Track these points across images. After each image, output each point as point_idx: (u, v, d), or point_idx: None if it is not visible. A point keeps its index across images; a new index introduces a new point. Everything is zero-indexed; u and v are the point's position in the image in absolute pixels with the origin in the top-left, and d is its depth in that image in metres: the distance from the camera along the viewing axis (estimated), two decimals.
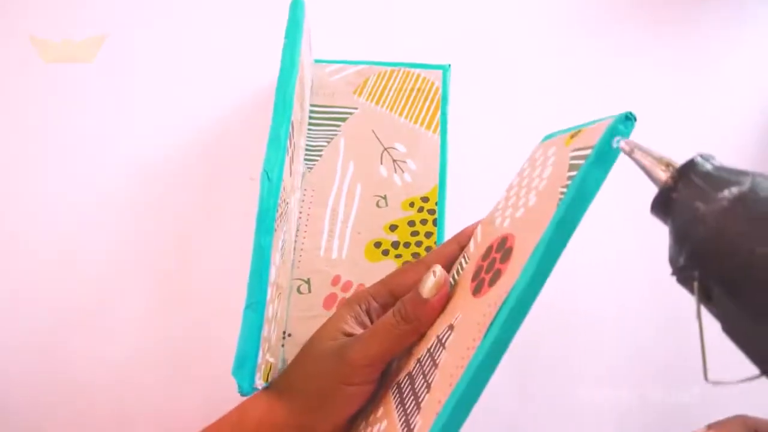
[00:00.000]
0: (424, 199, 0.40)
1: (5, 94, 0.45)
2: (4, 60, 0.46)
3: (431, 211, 0.40)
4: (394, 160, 0.42)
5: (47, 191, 0.41)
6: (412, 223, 0.39)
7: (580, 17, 0.50)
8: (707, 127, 0.46)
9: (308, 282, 0.38)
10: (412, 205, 0.40)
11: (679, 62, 0.48)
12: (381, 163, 0.42)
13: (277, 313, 0.32)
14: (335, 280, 0.38)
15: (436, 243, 0.39)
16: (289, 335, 0.36)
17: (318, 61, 0.46)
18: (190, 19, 0.49)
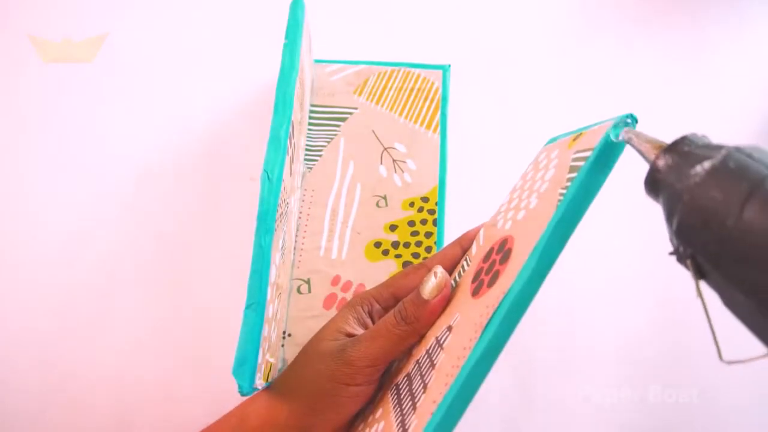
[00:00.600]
0: (424, 199, 0.40)
1: (5, 94, 0.45)
2: (3, 60, 0.46)
3: (431, 211, 0.40)
4: (394, 160, 0.42)
5: (47, 191, 0.41)
6: (412, 223, 0.39)
7: (580, 17, 0.50)
8: (708, 127, 0.45)
9: (308, 282, 0.38)
10: (412, 205, 0.40)
11: (680, 62, 0.48)
12: (381, 163, 0.42)
13: (277, 313, 0.32)
14: (335, 280, 0.38)
15: (436, 243, 0.39)
16: (289, 335, 0.36)
17: (318, 61, 0.46)
18: (190, 19, 0.49)
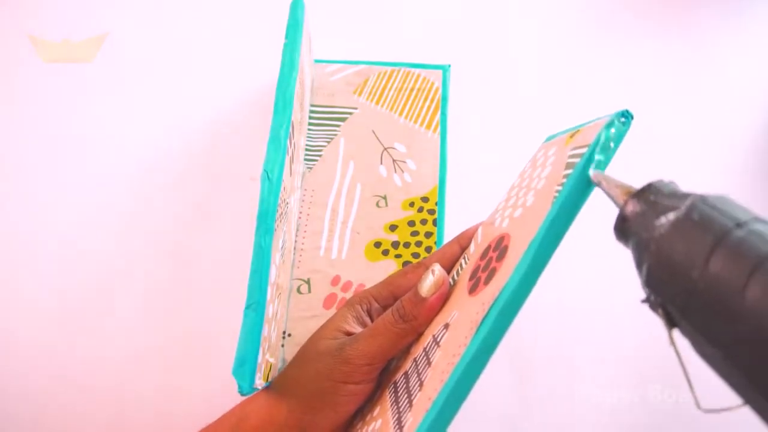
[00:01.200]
0: (424, 199, 0.40)
1: (5, 93, 0.45)
2: (4, 60, 0.46)
3: (431, 211, 0.40)
4: (394, 160, 0.42)
5: (47, 191, 0.41)
6: (412, 223, 0.39)
7: (580, 17, 0.50)
8: (708, 127, 0.46)
9: (308, 282, 0.38)
10: (412, 205, 0.40)
11: (680, 61, 0.48)
12: (381, 163, 0.42)
13: (277, 313, 0.32)
14: (335, 280, 0.38)
15: (436, 243, 0.39)
16: (289, 335, 0.36)
17: (318, 61, 0.46)
18: (190, 20, 0.49)
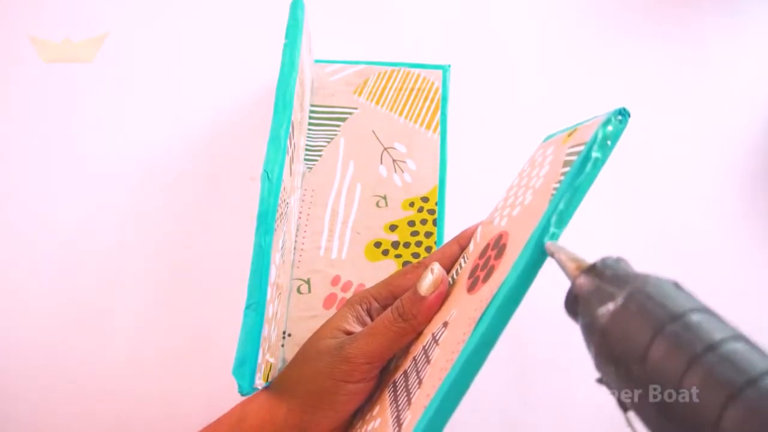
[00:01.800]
0: (424, 199, 0.40)
1: (5, 94, 0.45)
2: (3, 60, 0.46)
3: (431, 211, 0.40)
4: (394, 160, 0.42)
5: (47, 191, 0.41)
6: (412, 223, 0.39)
7: (580, 17, 0.50)
8: (708, 126, 0.46)
9: (308, 282, 0.38)
10: (412, 205, 0.40)
11: (680, 61, 0.48)
12: (381, 163, 0.42)
13: (277, 313, 0.32)
14: (335, 280, 0.38)
15: (436, 243, 0.39)
16: (289, 335, 0.36)
17: (318, 61, 0.46)
18: (190, 20, 0.49)
